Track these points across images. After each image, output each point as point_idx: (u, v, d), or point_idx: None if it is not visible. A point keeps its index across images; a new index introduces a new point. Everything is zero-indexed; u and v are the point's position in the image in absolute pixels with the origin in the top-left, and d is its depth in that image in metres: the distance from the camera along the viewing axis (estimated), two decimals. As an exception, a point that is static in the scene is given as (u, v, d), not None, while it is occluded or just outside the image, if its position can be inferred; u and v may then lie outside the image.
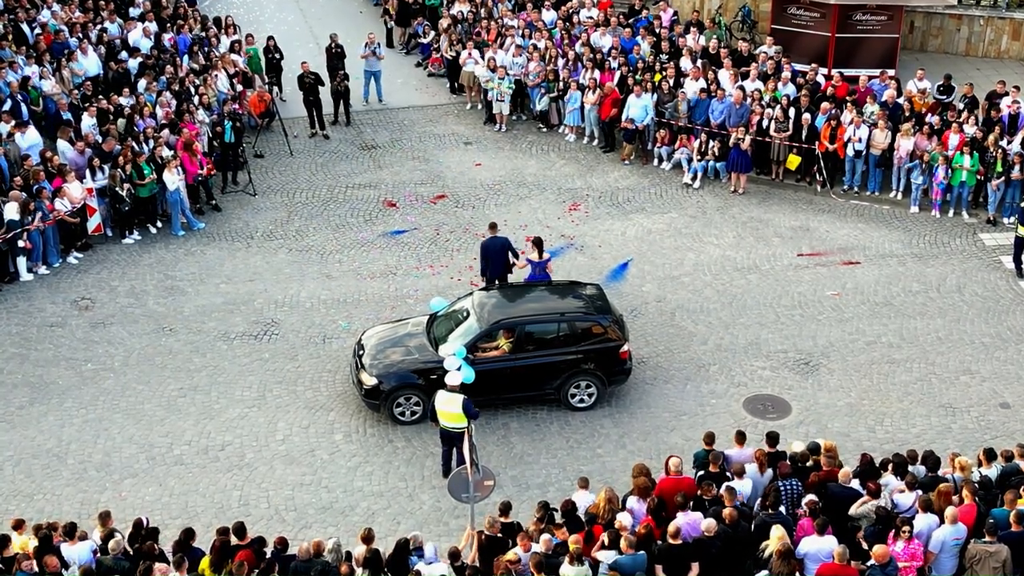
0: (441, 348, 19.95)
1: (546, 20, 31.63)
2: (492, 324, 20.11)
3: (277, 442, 19.60)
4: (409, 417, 19.90)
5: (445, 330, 20.51)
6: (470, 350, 19.65)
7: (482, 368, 19.51)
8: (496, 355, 20.04)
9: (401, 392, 19.82)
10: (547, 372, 20.11)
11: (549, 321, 20.41)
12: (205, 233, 25.72)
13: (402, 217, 26.40)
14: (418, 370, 19.88)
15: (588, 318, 20.42)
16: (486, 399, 19.84)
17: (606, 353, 20.22)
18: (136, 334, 22.27)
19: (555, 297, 21.26)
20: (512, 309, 20.59)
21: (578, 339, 20.24)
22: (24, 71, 27.83)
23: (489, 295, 21.14)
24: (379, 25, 34.77)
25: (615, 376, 20.47)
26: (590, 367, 20.15)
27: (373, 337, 20.83)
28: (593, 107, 28.79)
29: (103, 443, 19.46)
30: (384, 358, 20.16)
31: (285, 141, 29.15)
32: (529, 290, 21.78)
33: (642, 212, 26.55)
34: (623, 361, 20.39)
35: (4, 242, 23.18)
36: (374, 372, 19.88)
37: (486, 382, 19.54)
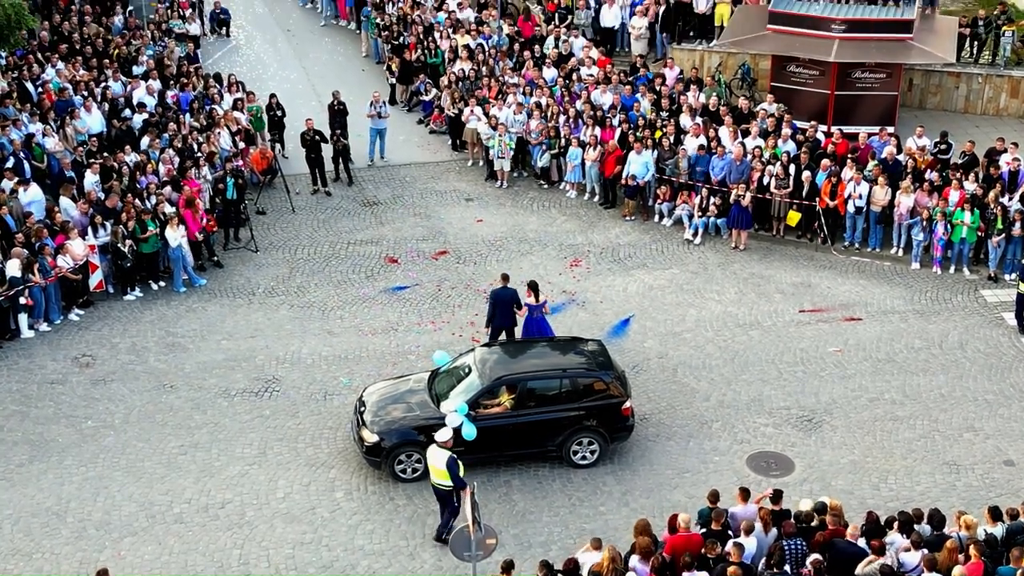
0: (443, 405, 19.88)
1: (547, 78, 31.85)
2: (494, 380, 20.06)
3: (278, 500, 19.47)
4: (411, 474, 19.77)
5: (447, 386, 20.44)
6: (472, 407, 19.59)
7: (484, 425, 19.44)
8: (498, 412, 19.97)
9: (402, 449, 19.70)
10: (549, 429, 20.01)
11: (551, 377, 20.34)
12: (207, 290, 25.72)
13: (404, 273, 26.42)
14: (420, 427, 19.77)
15: (590, 374, 20.36)
16: (488, 456, 19.80)
17: (608, 410, 20.14)
18: (137, 391, 22.20)
19: (557, 353, 21.21)
20: (514, 365, 20.53)
21: (580, 395, 20.17)
22: (28, 128, 28.00)
23: (491, 351, 21.10)
24: (381, 83, 35.03)
25: (617, 433, 20.36)
26: (592, 424, 20.04)
27: (374, 394, 20.76)
28: (594, 164, 28.93)
29: (103, 501, 19.33)
30: (385, 415, 20.08)
31: (287, 198, 29.26)
32: (531, 346, 21.75)
33: (643, 268, 26.58)
34: (625, 418, 20.31)
35: (6, 299, 23.16)
36: (375, 429, 19.79)
37: (488, 439, 19.46)
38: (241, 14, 40.40)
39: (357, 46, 38.32)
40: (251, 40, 38.89)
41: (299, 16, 40.97)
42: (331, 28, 39.89)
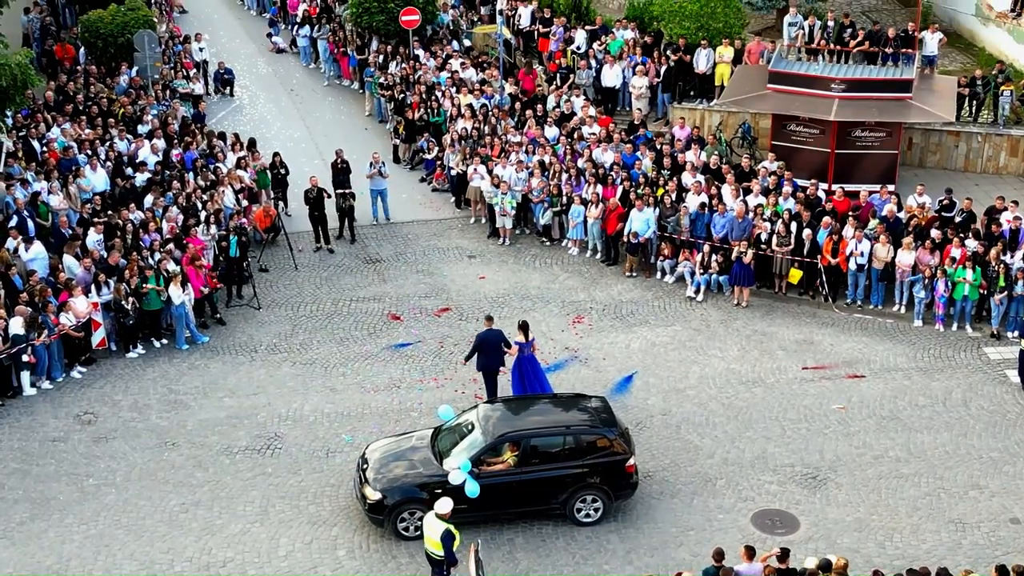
0: (445, 462, 19.82)
1: (549, 136, 32.06)
2: (497, 437, 19.99)
3: (279, 558, 19.36)
4: (413, 532, 19.63)
5: (450, 443, 20.38)
6: (475, 464, 19.53)
7: (487, 482, 19.37)
8: (501, 469, 19.87)
9: (405, 507, 19.60)
10: (553, 486, 19.91)
11: (555, 434, 20.27)
12: (209, 347, 25.73)
13: (406, 330, 26.44)
14: (423, 484, 19.68)
15: (594, 431, 20.28)
16: (492, 514, 19.73)
17: (612, 467, 20.04)
18: (138, 448, 22.14)
19: (560, 410, 21.16)
20: (517, 422, 20.49)
21: (584, 453, 20.08)
22: (34, 187, 28.14)
23: (494, 408, 21.04)
24: (383, 141, 35.29)
25: (621, 490, 20.25)
26: (596, 481, 19.94)
27: (377, 451, 20.68)
28: (596, 221, 29.05)
29: (103, 560, 19.22)
30: (388, 472, 19.99)
31: (290, 255, 29.35)
32: (534, 403, 21.74)
33: (646, 325, 26.59)
34: (629, 475, 20.21)
35: (8, 356, 23.16)
36: (378, 487, 19.69)
37: (491, 496, 19.41)
38: (245, 74, 40.74)
39: (360, 105, 38.61)
40: (255, 100, 39.19)
41: (303, 76, 41.31)
42: (334, 88, 40.21)
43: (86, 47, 36.32)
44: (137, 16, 35.87)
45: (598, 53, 35.50)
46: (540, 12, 37.52)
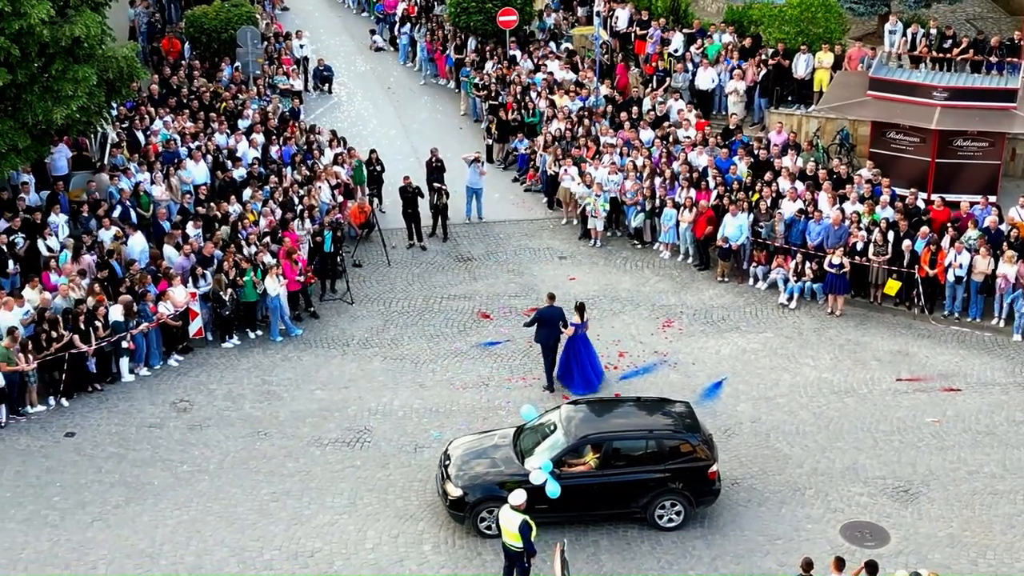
0: (527, 461, 19.88)
1: (643, 139, 31.96)
2: (579, 439, 19.97)
3: (366, 551, 19.56)
4: (495, 530, 19.65)
5: (532, 443, 20.41)
6: (556, 464, 19.56)
7: (568, 483, 19.37)
8: (583, 470, 19.85)
9: (486, 505, 19.63)
10: (634, 490, 19.80)
11: (637, 438, 20.20)
12: (302, 339, 26.09)
13: (496, 329, 26.55)
14: (504, 483, 19.67)
15: (676, 436, 20.17)
16: (572, 515, 19.75)
17: (694, 473, 19.90)
18: (232, 437, 22.53)
19: (644, 413, 21.04)
20: (600, 424, 20.43)
21: (666, 457, 19.97)
22: (136, 177, 28.78)
23: (577, 409, 20.98)
24: (478, 140, 35.47)
25: (703, 497, 20.11)
26: (678, 486, 19.80)
27: (460, 447, 20.80)
28: (688, 225, 28.89)
29: (195, 545, 19.59)
30: (470, 469, 20.09)
31: (383, 251, 29.62)
32: (618, 405, 21.68)
33: (737, 331, 26.38)
34: (712, 482, 20.06)
35: (108, 343, 23.71)
36: (459, 483, 19.81)
37: (572, 498, 19.41)
38: (344, 71, 41.20)
39: (455, 105, 38.85)
40: (352, 97, 39.64)
41: (400, 74, 41.70)
42: (431, 87, 40.49)
43: (190, 42, 37.04)
44: (240, 12, 36.51)
45: (695, 56, 35.29)
46: (638, 14, 37.36)
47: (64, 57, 25.26)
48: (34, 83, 25.08)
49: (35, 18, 23.82)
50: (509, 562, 18.28)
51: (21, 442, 22.22)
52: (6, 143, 24.66)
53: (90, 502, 20.57)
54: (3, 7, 23.43)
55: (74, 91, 25.12)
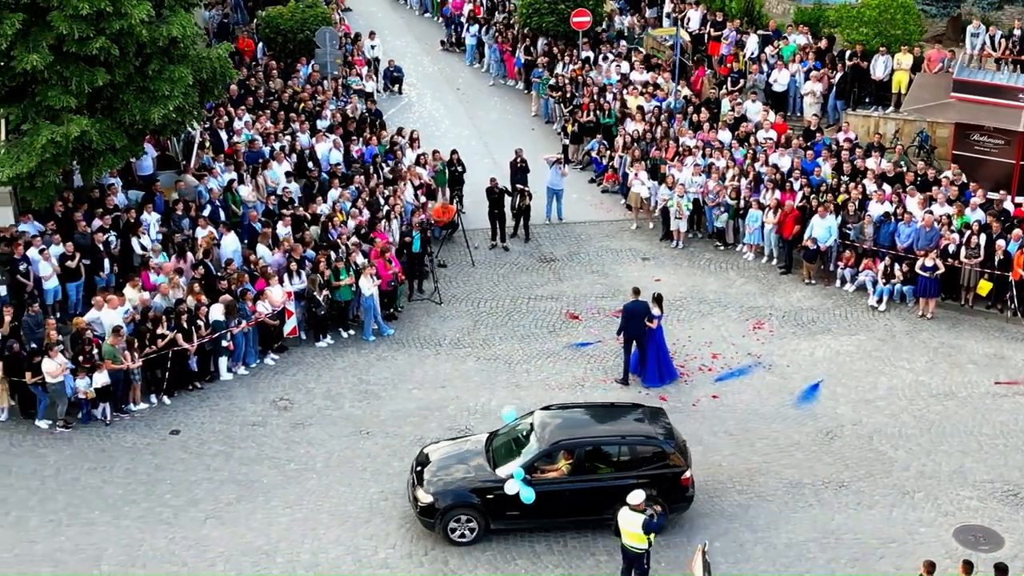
0: (499, 468, 19.64)
1: (722, 140, 31.91)
2: (552, 444, 19.67)
3: (478, 549, 19.60)
4: (469, 536, 19.53)
5: (506, 449, 20.10)
6: (529, 470, 19.35)
7: (541, 489, 19.20)
8: (555, 476, 19.60)
9: (456, 512, 19.42)
10: (607, 496, 19.35)
11: (610, 443, 19.87)
12: (394, 339, 26.19)
13: (585, 329, 26.58)
14: (476, 489, 19.45)
15: (650, 442, 19.83)
16: (544, 522, 19.67)
17: (668, 479, 19.58)
18: (335, 436, 22.63)
19: (618, 419, 20.63)
20: (573, 429, 20.06)
21: (639, 463, 19.64)
22: (223, 177, 28.94)
23: (552, 414, 20.61)
24: (550, 141, 35.55)
25: (677, 503, 19.74)
26: (651, 493, 19.22)
27: (434, 452, 20.55)
28: (773, 226, 28.82)
29: (310, 543, 19.71)
30: (442, 475, 19.82)
31: (467, 252, 29.69)
32: (593, 411, 21.20)
33: (828, 333, 26.30)
34: (685, 488, 19.74)
35: (209, 342, 23.87)
36: (430, 490, 19.54)
37: (545, 504, 19.24)
38: (412, 72, 41.31)
39: (526, 105, 38.89)
40: (422, 98, 39.75)
41: (468, 75, 41.77)
42: (499, 87, 40.55)
43: (265, 42, 37.21)
44: (316, 13, 36.69)
45: (770, 58, 35.23)
46: (711, 15, 37.30)
47: (160, 57, 25.47)
48: (131, 83, 25.27)
49: (135, 18, 24.02)
50: (628, 563, 18.28)
51: (128, 439, 22.40)
52: (103, 142, 24.84)
53: (202, 499, 20.73)
54: (104, 7, 23.60)
55: (170, 91, 25.33)
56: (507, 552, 19.55)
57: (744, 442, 22.50)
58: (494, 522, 19.55)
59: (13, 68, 23.82)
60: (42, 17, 23.82)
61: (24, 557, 19.28)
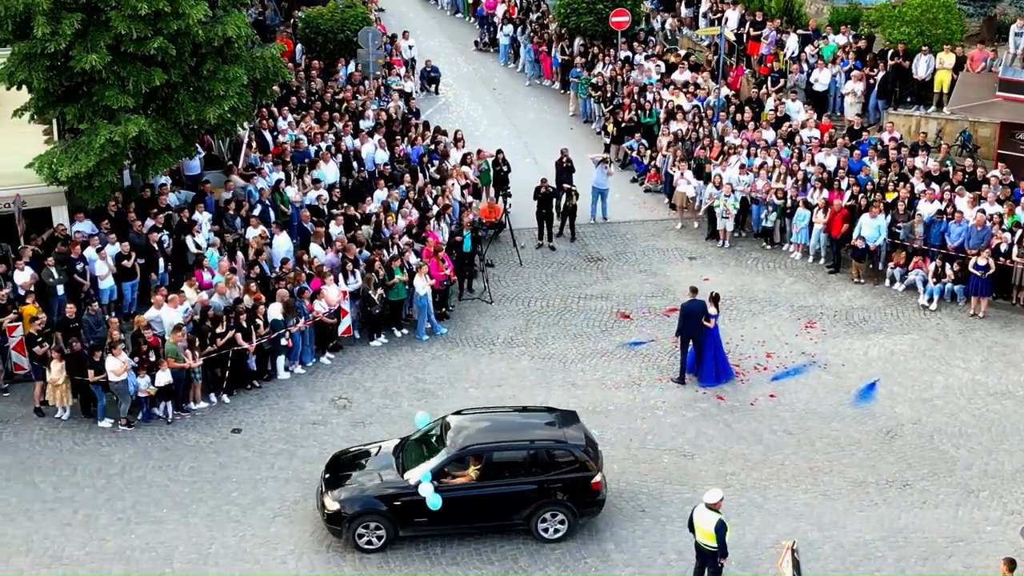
0: (407, 473, 19.44)
1: (767, 139, 31.92)
2: (460, 450, 19.49)
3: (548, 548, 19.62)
4: (376, 543, 19.35)
5: (414, 455, 19.89)
6: (437, 476, 19.19)
7: (450, 495, 19.07)
8: (464, 482, 19.42)
9: (364, 519, 19.23)
10: (515, 501, 19.37)
11: (518, 448, 19.68)
12: (448, 338, 26.22)
13: (637, 328, 26.61)
14: (383, 496, 19.29)
15: (559, 446, 19.65)
16: (454, 528, 19.54)
17: (577, 483, 19.42)
18: (395, 435, 22.54)
19: (528, 424, 20.49)
20: (482, 435, 19.87)
21: (548, 468, 19.50)
22: (271, 177, 28.99)
23: (462, 419, 20.42)
24: (590, 140, 35.59)
25: (587, 508, 19.63)
26: (560, 497, 19.35)
27: (342, 459, 20.43)
28: (822, 225, 28.83)
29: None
30: (350, 482, 19.68)
31: (514, 251, 29.72)
32: (503, 415, 21.05)
33: (881, 332, 26.31)
34: (595, 492, 19.55)
35: (268, 340, 23.92)
36: (337, 496, 19.37)
37: (453, 510, 19.12)
38: (447, 72, 41.32)
39: (563, 105, 38.94)
40: (459, 98, 39.81)
41: (503, 75, 41.84)
42: (535, 87, 40.61)
43: (305, 43, 37.24)
44: (355, 13, 36.76)
45: (810, 57, 35.23)
46: (750, 15, 37.31)
47: (214, 57, 25.53)
48: (185, 83, 25.34)
49: (193, 18, 24.10)
50: (701, 561, 18.29)
51: (190, 438, 22.46)
52: (159, 142, 24.90)
53: (268, 498, 20.78)
54: (162, 7, 23.67)
55: (225, 91, 25.40)
56: (578, 551, 19.58)
57: (805, 441, 22.51)
58: (402, 529, 19.36)
59: (71, 68, 23.89)
60: (100, 17, 23.89)
61: (96, 555, 19.35)
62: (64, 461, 21.69)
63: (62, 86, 24.56)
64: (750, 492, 20.92)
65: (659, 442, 22.52)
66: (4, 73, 24.64)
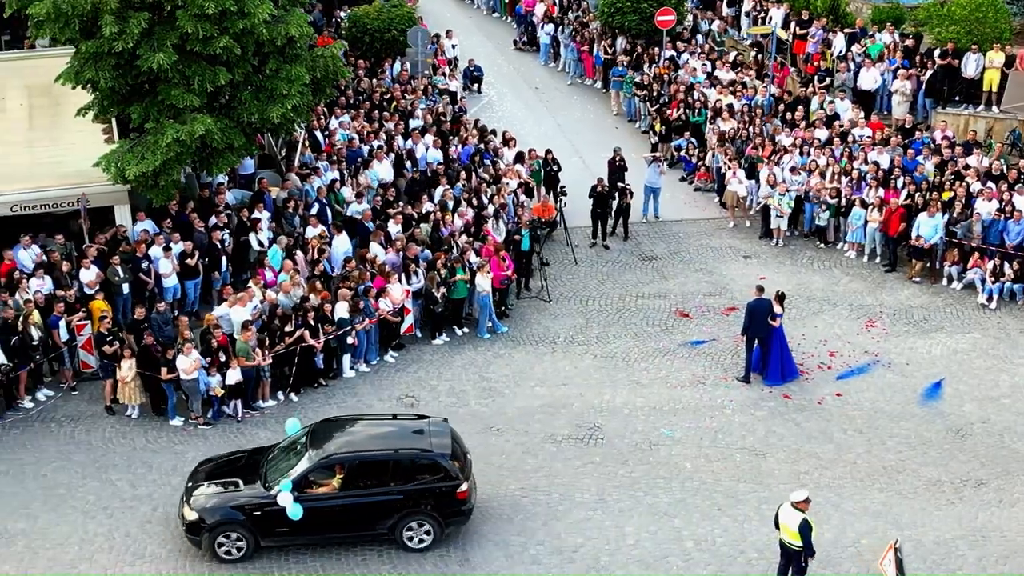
0: (270, 483, 19.14)
1: (819, 138, 31.89)
2: (322, 459, 19.16)
3: (628, 547, 19.67)
4: (237, 553, 19.05)
5: (277, 464, 19.58)
6: (299, 485, 18.90)
7: (312, 505, 18.82)
8: (326, 491, 19.13)
9: (223, 529, 18.91)
10: (379, 510, 19.15)
11: (382, 457, 19.36)
12: (509, 337, 26.24)
13: (697, 327, 26.59)
14: (242, 506, 19.02)
15: (424, 455, 19.32)
16: (318, 538, 19.26)
17: (442, 492, 19.17)
18: (465, 433, 22.38)
19: (394, 432, 20.15)
20: (345, 443, 19.60)
21: (412, 477, 19.24)
22: (326, 176, 29.02)
23: (327, 427, 20.14)
24: (635, 139, 35.56)
25: (452, 517, 19.35)
26: (425, 507, 19.13)
27: (206, 467, 20.16)
28: (877, 224, 28.80)
29: (458, 539, 19.74)
30: (211, 491, 19.37)
31: (568, 250, 29.73)
32: (371, 423, 20.77)
33: (942, 331, 26.28)
34: (461, 501, 19.28)
35: (334, 339, 23.95)
36: (196, 506, 19.09)
37: (316, 520, 18.87)
38: (488, 71, 41.28)
39: (605, 104, 38.92)
40: (502, 97, 39.81)
41: (544, 74, 41.84)
42: (577, 86, 40.60)
43: (350, 42, 37.21)
44: (402, 12, 36.75)
45: (856, 56, 35.17)
46: (796, 14, 37.26)
47: (276, 56, 25.55)
48: (248, 82, 25.37)
49: (258, 17, 24.11)
50: (785, 560, 18.28)
51: (262, 436, 22.48)
52: (223, 141, 24.93)
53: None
54: (229, 6, 23.68)
55: (288, 90, 25.40)
56: (656, 550, 19.57)
57: (876, 440, 22.50)
58: (264, 539, 19.07)
59: (138, 67, 23.93)
60: (165, 16, 23.93)
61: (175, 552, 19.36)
62: (139, 459, 21.75)
63: (127, 85, 24.58)
64: (825, 491, 20.89)
65: (730, 441, 22.51)
66: (70, 72, 24.70)
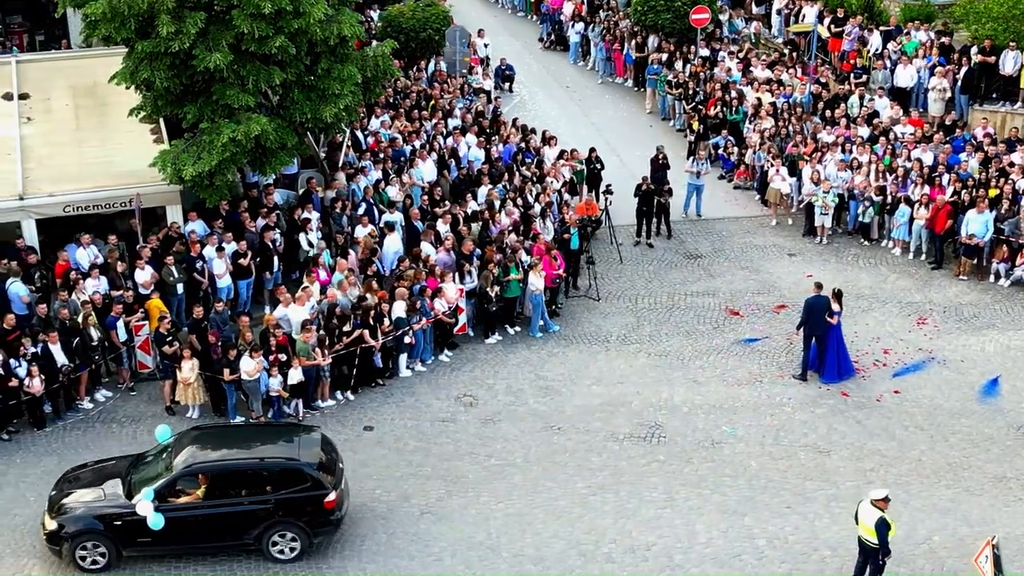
0: (133, 493, 18.79)
1: (862, 135, 31.88)
2: (184, 468, 18.86)
3: (700, 545, 19.64)
4: (100, 562, 18.74)
5: (143, 473, 19.27)
6: (161, 495, 18.58)
7: (175, 515, 18.55)
8: (189, 501, 18.85)
9: (83, 538, 18.60)
10: (244, 520, 18.85)
11: (246, 466, 19.10)
12: (561, 336, 26.22)
13: (749, 325, 26.57)
14: (102, 515, 18.66)
15: (290, 463, 19.02)
16: (182, 548, 19.03)
17: (309, 502, 18.89)
18: (527, 432, 22.68)
19: (262, 440, 19.93)
20: (210, 452, 19.28)
21: (278, 486, 18.93)
22: (371, 176, 28.98)
23: (193, 436, 19.82)
24: (669, 138, 35.52)
25: (320, 527, 19.07)
26: (291, 517, 18.87)
27: (73, 475, 19.85)
28: (923, 221, 28.79)
29: (530, 538, 19.74)
30: (73, 500, 18.99)
31: (613, 248, 29.72)
32: (239, 432, 20.66)
33: (994, 328, 26.27)
34: (329, 511, 18.97)
35: (392, 338, 23.93)
36: (57, 515, 18.72)
37: (179, 530, 18.60)
38: (518, 70, 41.21)
39: (638, 103, 38.92)
40: (534, 96, 39.81)
41: (573, 73, 41.85)
42: (608, 85, 40.60)
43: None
44: (437, 12, 36.75)
45: (892, 53, 35.18)
46: (831, 12, 37.25)
47: (328, 56, 25.51)
48: (300, 82, 25.33)
49: (313, 17, 24.06)
50: (863, 557, 18.26)
51: (321, 437, 22.44)
52: (277, 141, 24.88)
53: (413, 495, 20.78)
54: (284, 5, 23.62)
55: (340, 89, 25.37)
56: (729, 548, 19.54)
57: (938, 437, 22.49)
58: (125, 549, 18.80)
59: (194, 67, 23.88)
60: (221, 16, 23.88)
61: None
62: (203, 459, 21.68)
63: (181, 85, 24.54)
64: (892, 488, 20.56)
65: (792, 439, 22.50)
66: (126, 72, 24.67)
